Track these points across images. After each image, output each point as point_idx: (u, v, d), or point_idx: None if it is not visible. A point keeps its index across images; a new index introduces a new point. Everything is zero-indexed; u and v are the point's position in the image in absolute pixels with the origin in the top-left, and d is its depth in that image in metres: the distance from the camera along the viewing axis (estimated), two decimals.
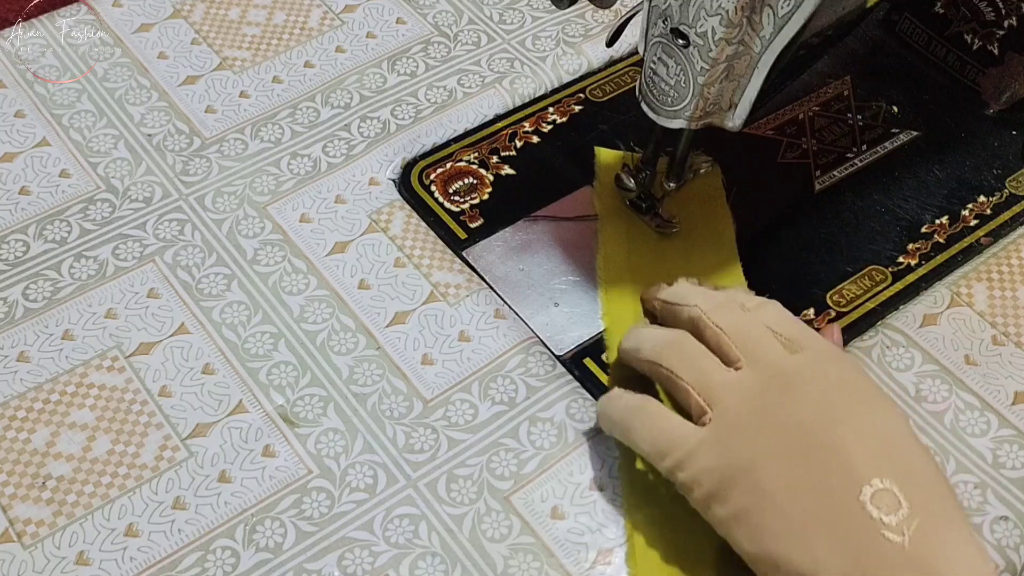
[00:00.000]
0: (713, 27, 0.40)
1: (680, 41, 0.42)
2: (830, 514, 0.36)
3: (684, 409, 0.40)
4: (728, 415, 0.38)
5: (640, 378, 0.43)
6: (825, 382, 0.38)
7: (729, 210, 0.52)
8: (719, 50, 0.41)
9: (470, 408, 0.46)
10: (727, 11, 0.40)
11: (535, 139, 0.55)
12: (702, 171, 0.49)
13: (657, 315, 0.44)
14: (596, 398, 0.46)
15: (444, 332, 0.48)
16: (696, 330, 0.41)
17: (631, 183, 0.51)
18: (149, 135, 0.54)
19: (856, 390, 0.39)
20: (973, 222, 0.53)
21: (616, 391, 0.42)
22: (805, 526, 0.36)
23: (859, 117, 0.57)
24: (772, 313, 0.41)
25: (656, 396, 0.41)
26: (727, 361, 0.40)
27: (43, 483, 0.42)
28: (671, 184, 0.49)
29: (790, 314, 0.42)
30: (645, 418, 0.40)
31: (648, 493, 0.43)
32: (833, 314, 0.49)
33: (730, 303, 0.41)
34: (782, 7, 0.39)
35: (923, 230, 0.52)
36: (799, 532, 0.36)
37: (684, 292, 0.43)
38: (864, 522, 0.35)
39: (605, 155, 0.54)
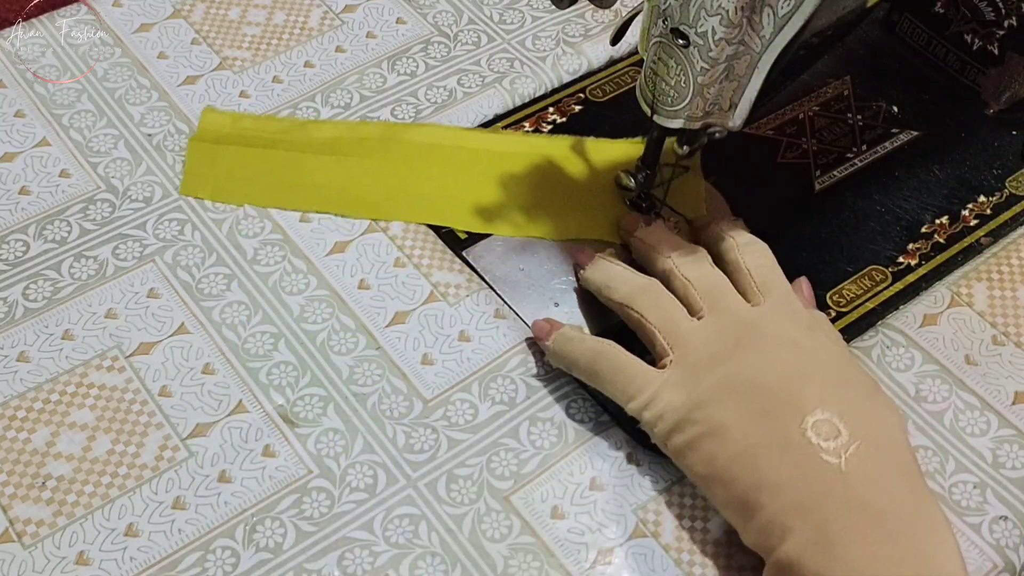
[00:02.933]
0: (713, 27, 0.40)
1: (680, 41, 0.42)
2: (774, 440, 0.39)
3: (648, 349, 0.44)
4: (689, 358, 0.42)
5: None
6: (778, 337, 0.42)
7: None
8: (719, 50, 0.41)
9: (470, 408, 0.46)
10: (727, 11, 0.40)
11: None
12: (716, 135, 0.48)
13: (632, 251, 0.49)
14: (596, 398, 0.46)
15: (444, 332, 0.48)
16: (667, 280, 0.45)
17: (631, 183, 0.51)
18: (149, 135, 0.54)
19: (805, 340, 0.42)
20: (973, 222, 0.53)
21: (572, 332, 0.45)
22: (751, 450, 0.39)
23: (859, 117, 0.57)
24: (752, 256, 0.45)
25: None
26: (692, 311, 0.44)
27: (43, 483, 0.42)
28: (684, 148, 0.48)
29: (770, 258, 0.46)
30: (609, 362, 0.44)
31: None
32: (833, 314, 0.49)
33: (700, 256, 0.46)
34: (782, 7, 0.39)
35: (923, 230, 0.52)
36: (746, 455, 0.39)
37: (660, 238, 0.47)
38: (804, 447, 0.39)
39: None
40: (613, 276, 0.46)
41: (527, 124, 0.56)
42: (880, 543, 0.37)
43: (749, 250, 0.46)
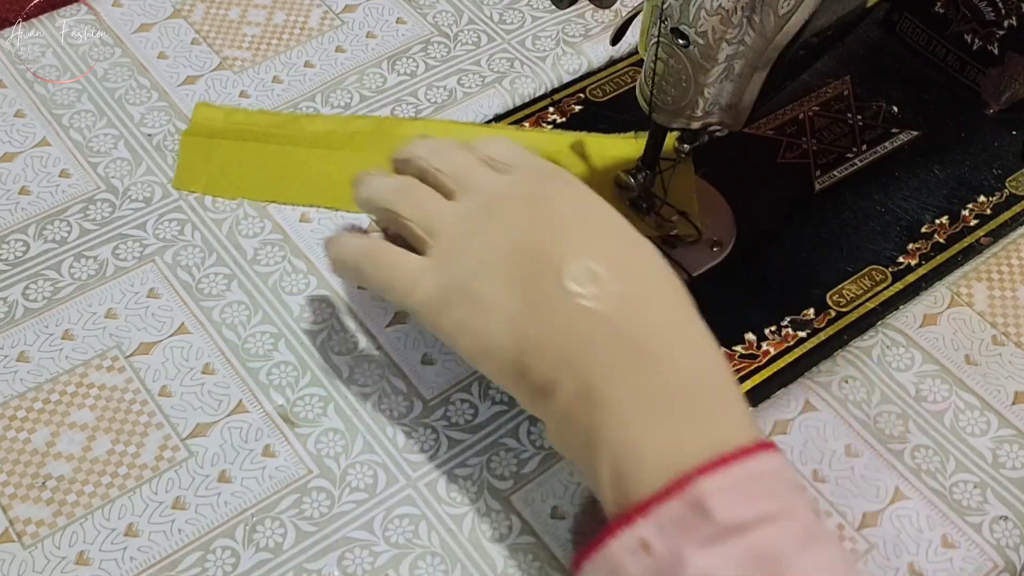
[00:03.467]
0: (713, 27, 0.40)
1: (680, 41, 0.42)
2: (534, 300, 0.38)
3: (414, 246, 0.42)
4: (445, 241, 0.41)
5: None
6: (526, 197, 0.41)
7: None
8: (719, 50, 0.41)
9: (470, 408, 0.46)
10: (727, 11, 0.40)
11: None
12: (716, 133, 0.48)
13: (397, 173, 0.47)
14: None
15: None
16: (422, 177, 0.44)
17: (631, 183, 0.51)
18: (149, 135, 0.54)
19: (555, 198, 0.41)
20: (973, 222, 0.53)
21: (341, 235, 0.45)
22: (514, 317, 0.38)
23: (859, 117, 0.57)
24: (494, 145, 0.44)
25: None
26: (447, 196, 0.43)
27: (43, 483, 0.42)
28: (685, 146, 0.48)
29: (514, 145, 0.44)
30: (372, 257, 0.43)
31: None
32: (833, 314, 0.49)
33: (448, 145, 0.44)
34: (782, 7, 0.39)
35: (923, 230, 0.52)
36: (510, 323, 0.38)
37: (411, 146, 0.45)
38: (564, 298, 0.37)
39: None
40: (372, 185, 0.44)
41: (527, 124, 0.56)
42: (650, 378, 0.36)
43: (487, 144, 0.44)
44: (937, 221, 0.53)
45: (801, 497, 0.35)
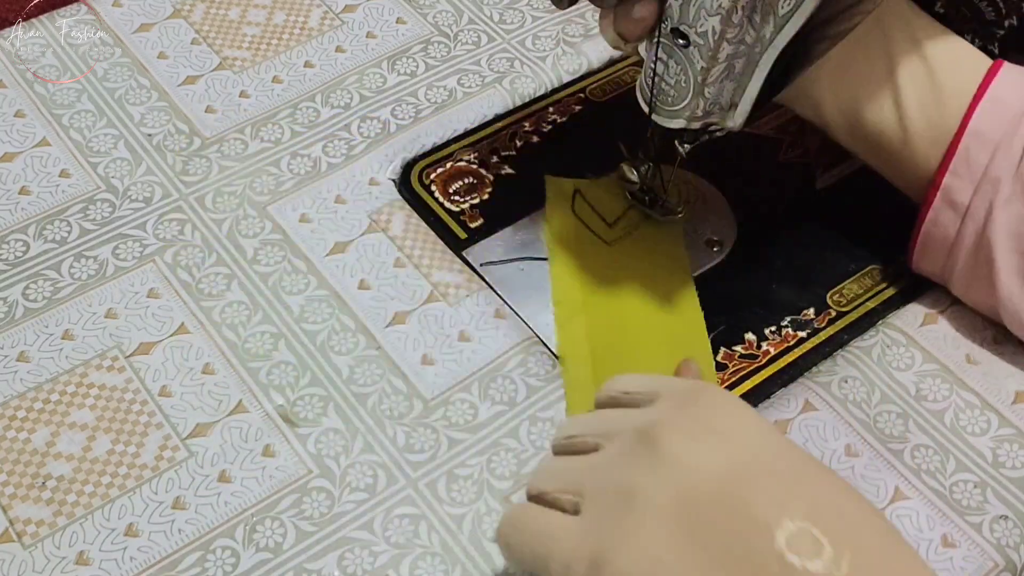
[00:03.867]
0: (713, 27, 0.40)
1: (680, 41, 0.42)
2: (740, 568, 0.29)
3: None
4: (596, 497, 0.33)
5: None
6: (692, 424, 0.32)
7: (686, 252, 0.51)
8: (719, 50, 0.41)
9: (470, 408, 0.46)
10: (727, 11, 0.40)
11: (535, 139, 0.55)
12: (717, 133, 0.48)
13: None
14: None
15: (444, 332, 0.47)
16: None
17: (633, 176, 0.51)
18: (149, 135, 0.54)
19: (724, 424, 0.33)
20: None
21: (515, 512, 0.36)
22: None
23: None
24: (622, 381, 0.37)
25: None
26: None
27: (43, 483, 0.42)
28: (685, 146, 0.48)
29: (651, 376, 0.37)
30: (521, 525, 0.35)
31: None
32: (833, 313, 0.49)
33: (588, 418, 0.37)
34: (783, 7, 0.39)
35: None
36: None
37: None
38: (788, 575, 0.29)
39: (555, 185, 0.53)
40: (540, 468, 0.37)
41: (527, 124, 0.56)
42: None
43: (621, 381, 0.37)
44: None
45: None
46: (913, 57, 0.46)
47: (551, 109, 0.56)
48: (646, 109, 0.46)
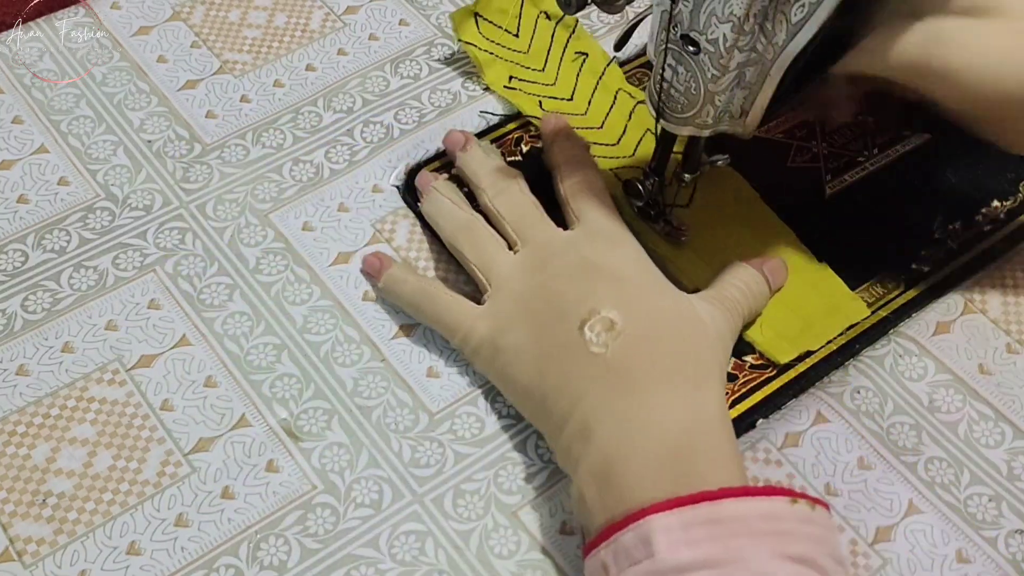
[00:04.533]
0: (724, 34, 0.40)
1: (691, 48, 0.41)
2: (555, 346, 0.42)
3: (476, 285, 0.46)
4: (501, 292, 0.45)
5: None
6: (578, 265, 0.44)
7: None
8: (730, 57, 0.40)
9: (476, 422, 0.45)
10: (739, 18, 0.39)
11: (540, 144, 0.54)
12: (719, 163, 0.47)
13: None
14: None
15: (450, 345, 0.47)
16: (486, 215, 0.48)
17: (640, 190, 0.50)
18: (149, 141, 0.53)
19: (602, 256, 0.44)
20: (987, 227, 0.52)
21: (400, 273, 0.47)
22: (538, 361, 0.42)
23: (870, 119, 0.56)
24: (571, 182, 0.47)
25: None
26: (510, 244, 0.46)
27: (43, 500, 0.42)
28: (686, 175, 0.47)
29: (591, 183, 0.47)
30: (432, 301, 0.46)
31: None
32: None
33: (512, 185, 0.48)
34: (795, 14, 0.39)
35: (936, 236, 0.51)
36: (534, 367, 0.42)
37: (475, 169, 0.49)
38: (579, 345, 0.41)
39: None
40: (441, 212, 0.48)
41: (532, 128, 0.55)
42: (631, 425, 0.39)
43: (570, 176, 0.48)
44: (950, 226, 0.52)
45: (764, 546, 0.35)
46: None
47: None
48: (655, 116, 0.45)
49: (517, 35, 0.57)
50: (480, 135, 0.54)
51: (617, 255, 0.44)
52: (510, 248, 0.46)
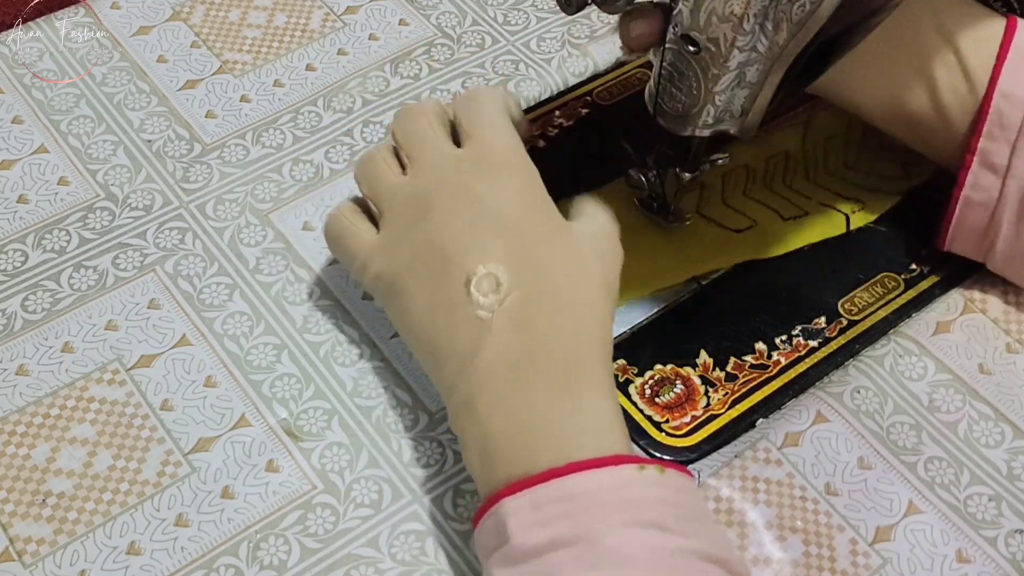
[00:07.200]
0: (725, 34, 0.40)
1: (691, 47, 0.41)
2: (441, 304, 0.39)
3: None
4: (392, 222, 0.42)
5: None
6: (460, 188, 0.41)
7: None
8: (731, 57, 0.40)
9: None
10: (739, 17, 0.39)
11: (541, 143, 0.54)
12: (719, 162, 0.47)
13: None
14: None
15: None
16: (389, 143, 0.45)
17: (642, 182, 0.50)
18: (149, 141, 0.53)
19: (488, 188, 0.41)
20: None
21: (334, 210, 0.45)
22: (426, 317, 0.40)
23: None
24: (464, 99, 0.44)
25: None
26: (402, 167, 0.43)
27: (43, 500, 0.42)
28: (686, 175, 0.47)
29: (486, 100, 0.43)
30: (337, 227, 0.44)
31: None
32: (845, 322, 0.48)
33: (413, 109, 0.44)
34: (796, 13, 0.39)
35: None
36: (422, 324, 0.40)
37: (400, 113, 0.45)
38: (464, 306, 0.39)
39: None
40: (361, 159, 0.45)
41: (533, 128, 0.55)
42: (512, 404, 0.37)
43: (464, 96, 0.44)
44: None
45: (615, 516, 0.35)
46: (937, 36, 0.46)
47: (557, 113, 0.56)
48: (656, 116, 0.45)
49: None
50: None
51: (503, 186, 0.41)
52: (403, 172, 0.43)
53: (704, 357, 0.47)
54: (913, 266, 0.50)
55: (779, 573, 0.41)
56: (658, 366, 0.47)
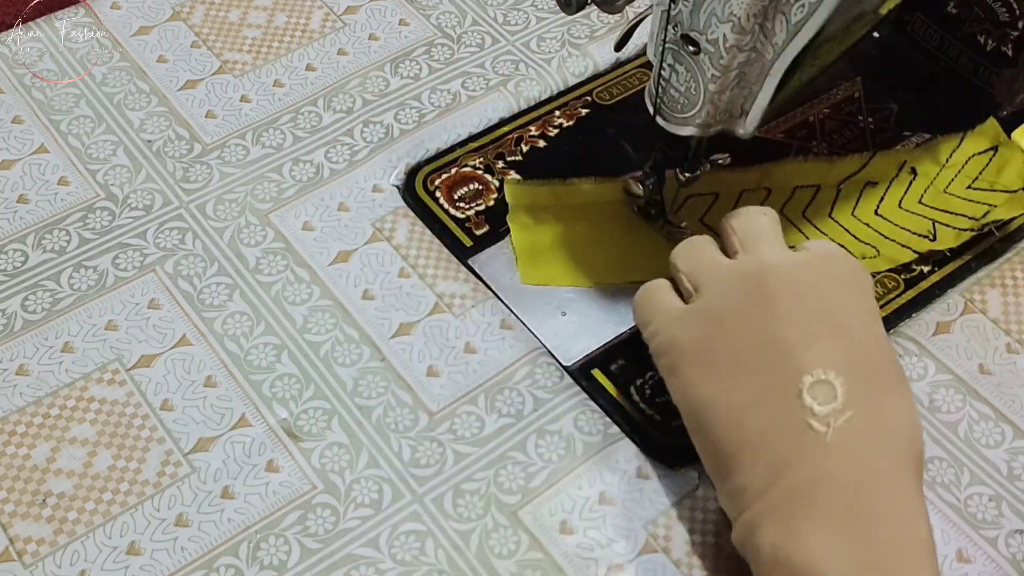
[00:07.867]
0: (724, 34, 0.40)
1: (690, 48, 0.41)
2: (766, 398, 0.37)
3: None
4: (709, 297, 0.40)
5: None
6: (800, 282, 0.39)
7: None
8: (730, 57, 0.40)
9: (476, 421, 0.45)
10: (739, 18, 0.39)
11: (541, 143, 0.54)
12: (720, 162, 0.47)
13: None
14: (604, 409, 0.45)
15: (450, 343, 0.47)
16: (718, 237, 0.43)
17: (639, 190, 0.50)
18: (149, 141, 0.53)
19: (831, 292, 0.39)
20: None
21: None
22: (741, 407, 0.38)
23: (870, 119, 0.56)
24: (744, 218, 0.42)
25: None
26: (729, 253, 0.42)
27: (43, 500, 0.42)
28: (685, 175, 0.47)
29: (758, 224, 0.42)
30: (647, 293, 0.43)
31: None
32: None
33: (750, 210, 0.43)
34: (795, 14, 0.39)
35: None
36: (734, 411, 0.38)
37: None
38: (795, 409, 0.37)
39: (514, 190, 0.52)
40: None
41: (533, 128, 0.55)
42: (842, 528, 0.35)
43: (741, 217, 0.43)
44: None
45: None
46: None
47: (557, 113, 0.56)
48: (655, 116, 0.45)
49: None
50: (479, 135, 0.54)
51: (848, 297, 0.40)
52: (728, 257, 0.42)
53: None
54: (913, 266, 0.50)
55: None
56: None
